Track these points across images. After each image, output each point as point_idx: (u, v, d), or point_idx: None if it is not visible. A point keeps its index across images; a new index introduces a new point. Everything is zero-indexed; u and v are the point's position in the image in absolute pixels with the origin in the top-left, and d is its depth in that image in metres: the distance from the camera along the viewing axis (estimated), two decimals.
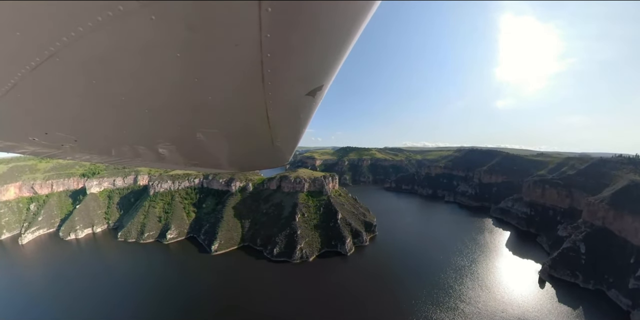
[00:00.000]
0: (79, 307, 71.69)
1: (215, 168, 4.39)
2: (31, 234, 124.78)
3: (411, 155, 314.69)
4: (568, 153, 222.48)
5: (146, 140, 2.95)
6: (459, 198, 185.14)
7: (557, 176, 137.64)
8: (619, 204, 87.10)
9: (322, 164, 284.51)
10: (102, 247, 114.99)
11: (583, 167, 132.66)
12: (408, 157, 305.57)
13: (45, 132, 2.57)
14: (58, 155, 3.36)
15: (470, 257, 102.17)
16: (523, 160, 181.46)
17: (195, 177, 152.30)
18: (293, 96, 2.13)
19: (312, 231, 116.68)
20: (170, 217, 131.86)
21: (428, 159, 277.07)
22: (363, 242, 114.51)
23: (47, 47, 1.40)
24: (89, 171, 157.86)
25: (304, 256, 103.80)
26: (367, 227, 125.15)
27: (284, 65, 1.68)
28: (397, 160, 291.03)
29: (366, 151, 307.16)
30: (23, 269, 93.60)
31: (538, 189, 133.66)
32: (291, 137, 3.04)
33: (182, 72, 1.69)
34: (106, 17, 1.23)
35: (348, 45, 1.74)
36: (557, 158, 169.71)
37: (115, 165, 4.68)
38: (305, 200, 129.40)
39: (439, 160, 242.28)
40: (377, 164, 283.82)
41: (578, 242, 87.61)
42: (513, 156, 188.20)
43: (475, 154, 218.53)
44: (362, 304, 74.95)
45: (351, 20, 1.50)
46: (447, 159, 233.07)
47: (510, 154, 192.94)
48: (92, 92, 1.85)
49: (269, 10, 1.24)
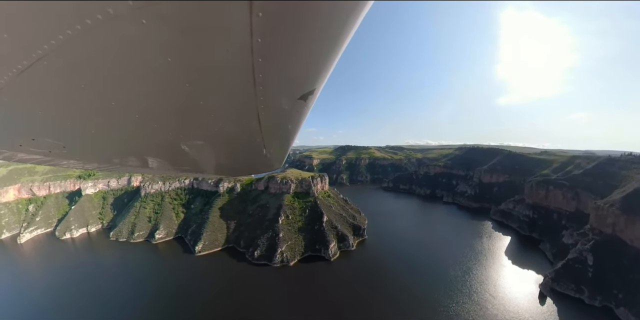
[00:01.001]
0: (67, 297, 76.49)
1: (207, 173, 4.19)
2: (29, 233, 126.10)
3: (411, 154, 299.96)
4: (572, 151, 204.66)
5: (137, 146, 2.87)
6: (458, 199, 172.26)
7: (562, 176, 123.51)
8: (631, 208, 74.32)
9: (320, 163, 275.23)
10: (95, 246, 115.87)
11: (590, 166, 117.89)
12: (408, 156, 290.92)
13: (32, 138, 2.43)
14: (46, 162, 3.14)
15: (465, 265, 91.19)
16: (525, 158, 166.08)
17: (186, 178, 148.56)
18: (285, 100, 2.08)
19: (296, 234, 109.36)
20: (159, 217, 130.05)
21: (429, 157, 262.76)
22: (349, 247, 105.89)
23: (35, 50, 1.33)
24: (84, 173, 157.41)
25: (285, 260, 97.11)
26: (355, 230, 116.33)
27: (276, 69, 1.63)
28: (396, 159, 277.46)
29: (365, 150, 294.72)
30: (20, 266, 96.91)
31: (541, 190, 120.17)
32: (284, 141, 3.00)
33: (173, 77, 1.62)
34: (95, 20, 1.17)
35: (339, 49, 1.71)
36: (561, 156, 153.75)
37: (106, 171, 4.51)
38: (290, 202, 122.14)
39: (440, 159, 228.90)
40: (376, 163, 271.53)
41: (585, 253, 75.57)
42: (515, 154, 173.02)
43: (476, 152, 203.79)
44: (337, 316, 66.98)
45: (342, 24, 1.47)
46: (448, 157, 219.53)
47: (512, 152, 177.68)
48: (81, 97, 1.76)
49: (260, 15, 1.21)
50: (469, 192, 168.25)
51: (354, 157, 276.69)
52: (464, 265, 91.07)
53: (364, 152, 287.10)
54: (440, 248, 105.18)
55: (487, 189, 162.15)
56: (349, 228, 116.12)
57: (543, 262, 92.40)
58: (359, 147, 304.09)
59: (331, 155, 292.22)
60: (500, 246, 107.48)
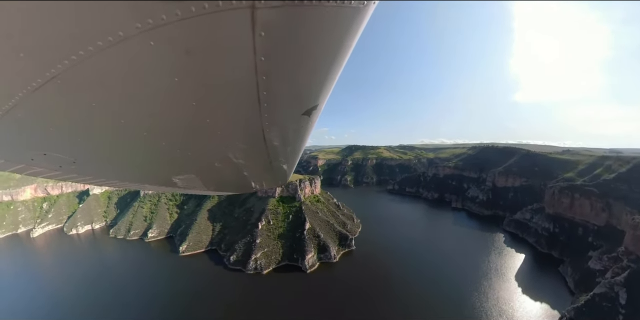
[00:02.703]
0: (64, 282, 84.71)
1: (214, 190, 4.06)
2: (41, 228, 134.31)
3: (422, 154, 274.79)
4: (597, 149, 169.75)
5: (144, 163, 2.87)
6: (468, 204, 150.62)
7: (589, 181, 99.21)
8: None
9: (325, 164, 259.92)
10: (95, 241, 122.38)
11: (624, 169, 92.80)
12: (418, 156, 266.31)
13: (43, 153, 2.48)
14: (56, 177, 3.20)
15: (464, 291, 73.65)
16: (546, 159, 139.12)
17: None
18: (289, 116, 2.08)
19: (275, 241, 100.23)
20: (154, 217, 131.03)
21: (440, 157, 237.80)
22: (330, 259, 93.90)
23: (49, 69, 1.37)
24: None
25: (258, 268, 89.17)
26: (341, 240, 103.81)
27: (279, 87, 1.65)
28: (405, 159, 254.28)
29: (373, 150, 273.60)
30: (30, 256, 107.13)
31: (565, 198, 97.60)
32: (289, 156, 2.99)
33: (180, 96, 1.64)
34: (107, 42, 1.22)
35: (341, 64, 1.74)
36: (587, 156, 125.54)
37: (114, 187, 4.34)
38: (275, 206, 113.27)
39: (451, 158, 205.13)
40: (383, 164, 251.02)
41: (617, 287, 56.26)
42: (534, 154, 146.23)
43: (491, 151, 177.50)
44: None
45: (341, 41, 1.50)
46: (460, 157, 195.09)
47: (530, 151, 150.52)
48: (91, 115, 1.78)
49: (262, 34, 1.25)
50: (481, 198, 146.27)
51: (360, 158, 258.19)
52: (464, 291, 73.69)
53: (372, 152, 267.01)
54: (438, 265, 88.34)
55: (501, 194, 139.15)
56: (335, 237, 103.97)
57: (561, 291, 72.41)
58: (367, 147, 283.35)
59: (337, 155, 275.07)
60: (511, 266, 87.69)
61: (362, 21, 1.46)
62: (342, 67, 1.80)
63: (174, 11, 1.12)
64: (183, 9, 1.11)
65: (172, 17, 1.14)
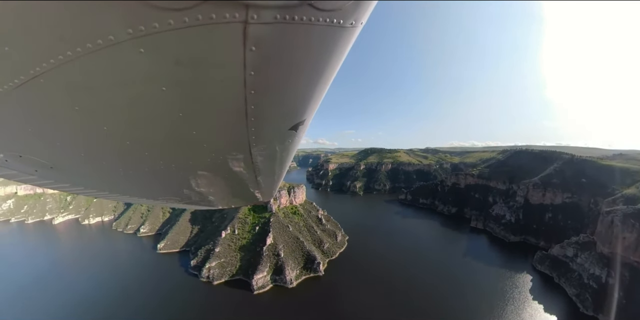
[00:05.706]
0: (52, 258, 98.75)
1: (197, 204, 3.92)
2: (62, 217, 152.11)
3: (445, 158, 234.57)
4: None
5: (125, 174, 2.67)
6: (491, 225, 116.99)
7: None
8: None
9: (337, 168, 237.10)
10: (99, 232, 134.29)
11: None
12: (440, 160, 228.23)
13: (19, 155, 2.32)
14: (31, 181, 3.00)
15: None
16: (595, 167, 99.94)
17: None
18: (276, 131, 2.04)
19: (235, 252, 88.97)
20: (149, 214, 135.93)
21: (466, 162, 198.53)
22: (286, 283, 77.92)
23: (33, 67, 1.30)
24: None
25: (211, 277, 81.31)
26: (307, 263, 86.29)
27: (267, 101, 1.63)
28: (425, 164, 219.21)
29: (390, 153, 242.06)
30: (48, 238, 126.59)
31: (630, 232, 64.09)
32: (276, 171, 2.90)
33: (167, 106, 1.57)
34: (96, 45, 1.16)
35: (328, 81, 1.74)
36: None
37: (93, 196, 3.85)
38: (245, 216, 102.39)
39: (477, 164, 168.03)
40: (399, 169, 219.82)
41: None
42: (580, 160, 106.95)
43: (524, 157, 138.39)
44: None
45: (330, 58, 1.51)
46: (487, 163, 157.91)
47: (575, 157, 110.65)
48: (73, 119, 1.68)
49: (253, 49, 1.23)
50: (508, 218, 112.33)
51: (375, 162, 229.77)
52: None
53: (388, 156, 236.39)
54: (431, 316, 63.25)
55: (535, 214, 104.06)
56: (300, 258, 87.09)
57: None
58: (384, 150, 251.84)
59: (351, 159, 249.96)
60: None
61: (349, 41, 1.46)
62: (329, 84, 1.77)
63: (166, 20, 1.08)
64: (176, 19, 1.08)
65: (165, 26, 1.10)
